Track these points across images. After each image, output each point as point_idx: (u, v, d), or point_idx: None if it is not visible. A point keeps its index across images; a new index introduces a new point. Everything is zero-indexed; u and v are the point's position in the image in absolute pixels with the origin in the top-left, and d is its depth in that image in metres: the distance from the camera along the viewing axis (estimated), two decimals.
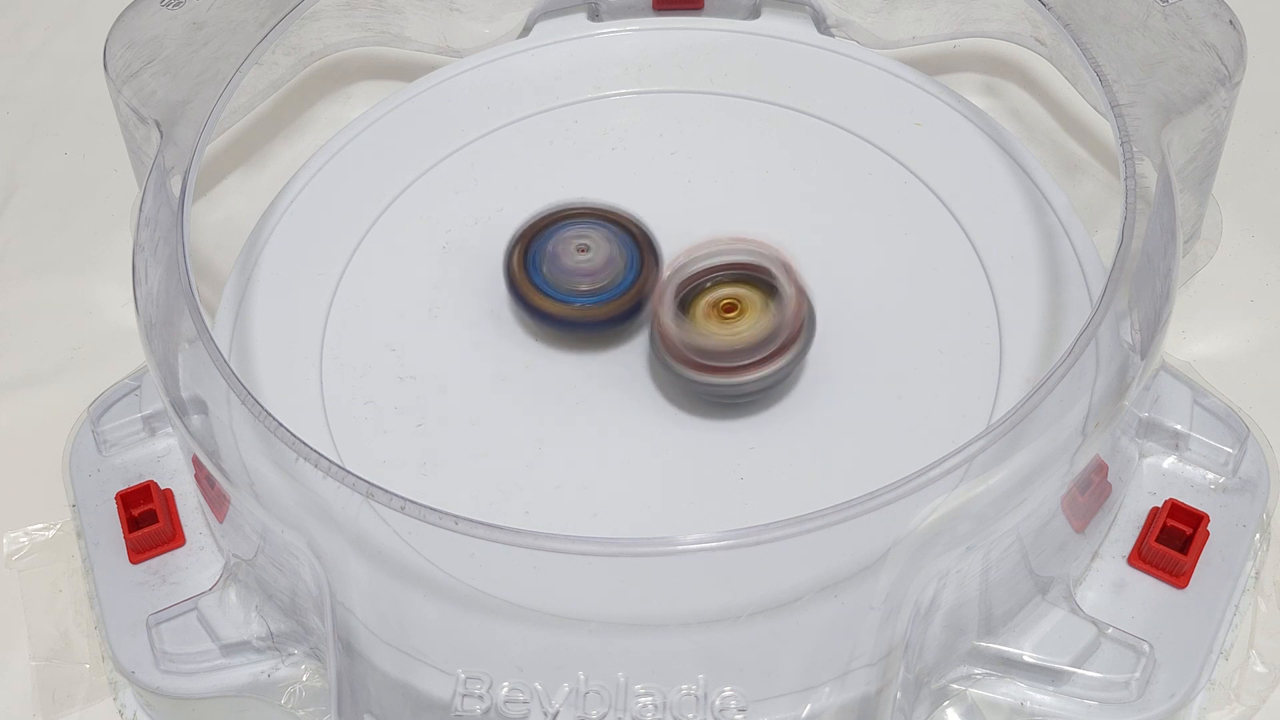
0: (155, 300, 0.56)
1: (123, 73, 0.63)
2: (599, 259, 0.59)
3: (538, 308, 0.59)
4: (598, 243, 0.59)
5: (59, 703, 0.59)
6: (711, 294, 0.57)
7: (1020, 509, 0.51)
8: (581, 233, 0.60)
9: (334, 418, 0.59)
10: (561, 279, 0.59)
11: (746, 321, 0.56)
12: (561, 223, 0.61)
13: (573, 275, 0.59)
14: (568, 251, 0.59)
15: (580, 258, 0.59)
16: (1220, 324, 0.66)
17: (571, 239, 0.60)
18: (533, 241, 0.60)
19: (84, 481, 0.61)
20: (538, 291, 0.59)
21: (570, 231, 0.60)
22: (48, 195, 0.75)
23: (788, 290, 0.56)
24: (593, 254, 0.59)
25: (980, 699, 0.54)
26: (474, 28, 0.72)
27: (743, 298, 0.57)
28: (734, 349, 0.56)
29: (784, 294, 0.56)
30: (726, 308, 0.57)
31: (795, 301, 0.56)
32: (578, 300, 0.59)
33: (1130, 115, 0.57)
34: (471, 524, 0.48)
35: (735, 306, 0.57)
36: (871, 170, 0.65)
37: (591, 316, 0.59)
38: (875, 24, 0.71)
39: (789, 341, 0.56)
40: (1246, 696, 0.56)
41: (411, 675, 0.51)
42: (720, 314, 0.57)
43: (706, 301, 0.57)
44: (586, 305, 0.59)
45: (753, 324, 0.56)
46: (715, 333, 0.56)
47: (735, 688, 0.50)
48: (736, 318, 0.57)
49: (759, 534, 0.47)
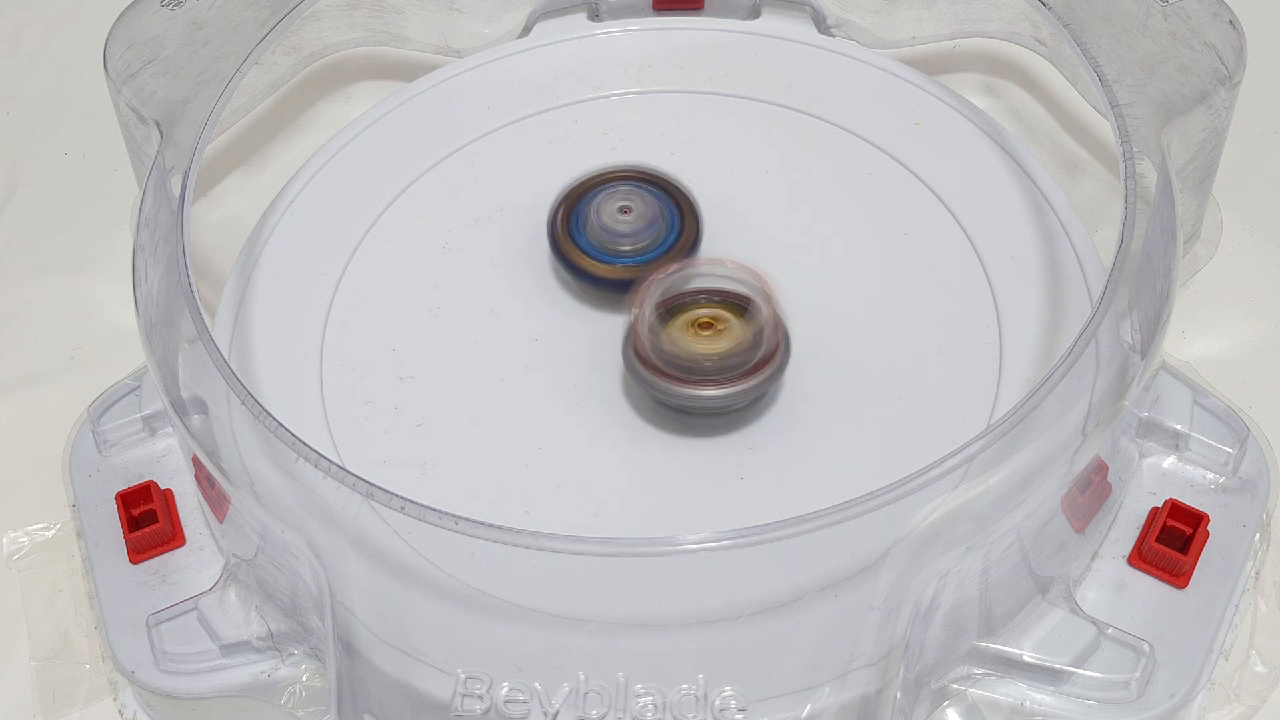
0: (155, 300, 0.56)
1: (123, 73, 0.63)
2: (640, 220, 0.60)
3: (580, 267, 0.60)
4: (639, 204, 0.61)
5: (59, 703, 0.59)
6: (692, 311, 0.57)
7: (1020, 509, 0.51)
8: (624, 194, 0.61)
9: (334, 418, 0.59)
10: (604, 239, 0.60)
11: (721, 339, 0.56)
12: (604, 185, 0.62)
13: (615, 235, 0.60)
14: (610, 212, 0.61)
15: (622, 219, 0.60)
16: (1220, 324, 0.66)
17: (614, 200, 0.61)
18: (576, 204, 0.62)
19: (84, 481, 0.61)
20: (580, 251, 0.60)
21: (613, 193, 0.61)
22: (48, 195, 0.75)
23: (764, 314, 0.56)
24: (634, 215, 0.60)
25: (980, 699, 0.54)
26: (474, 28, 0.72)
27: (722, 318, 0.57)
28: (702, 362, 0.56)
29: (759, 318, 0.56)
30: (704, 325, 0.57)
31: (770, 326, 0.56)
32: (619, 260, 0.60)
33: (1130, 115, 0.57)
34: (471, 524, 0.48)
35: (712, 325, 0.57)
36: (871, 170, 0.65)
37: (632, 276, 0.59)
38: (875, 24, 0.71)
39: (758, 365, 0.56)
40: (1246, 696, 0.56)
41: (411, 675, 0.51)
42: (697, 330, 0.57)
43: (686, 318, 0.57)
44: (628, 265, 0.60)
45: (726, 342, 0.56)
46: (688, 345, 0.56)
47: (735, 688, 0.50)
48: (712, 335, 0.57)
49: (759, 534, 0.47)
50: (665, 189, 0.62)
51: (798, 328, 0.59)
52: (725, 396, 0.56)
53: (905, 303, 0.61)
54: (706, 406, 0.57)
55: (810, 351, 0.59)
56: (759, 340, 0.56)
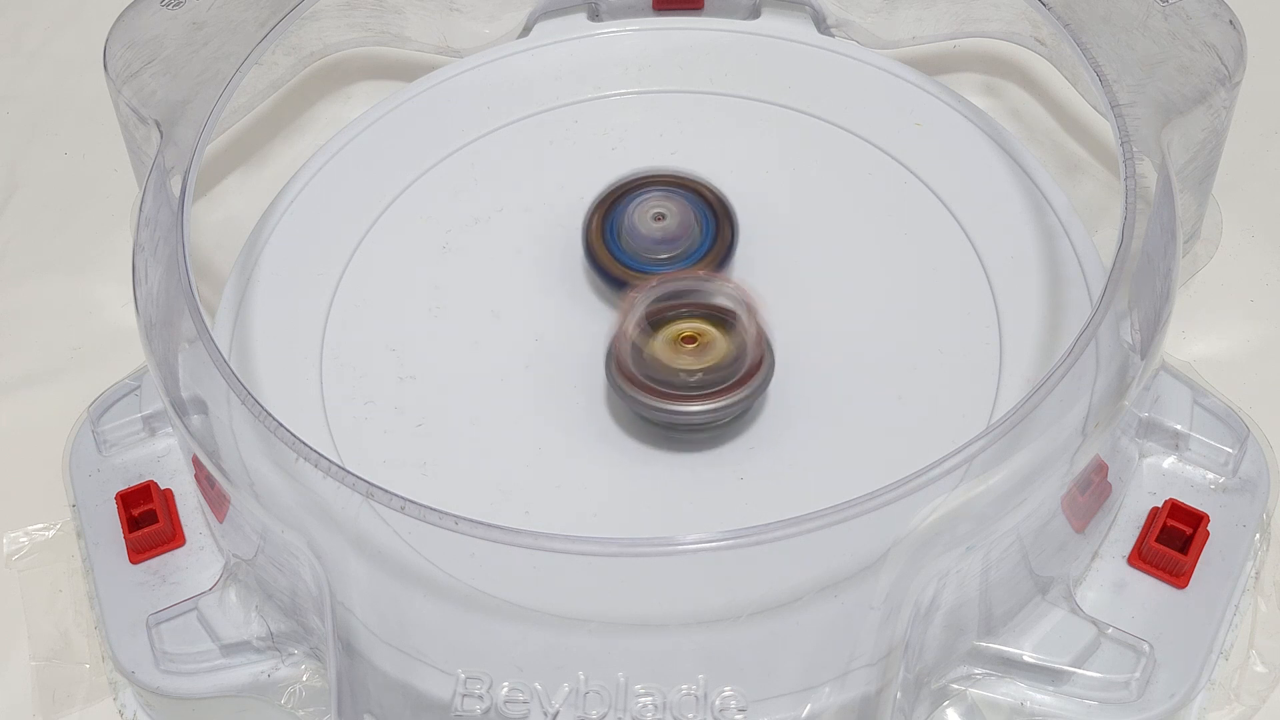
0: (155, 300, 0.56)
1: (123, 73, 0.63)
2: (675, 226, 0.60)
3: (615, 276, 0.60)
4: (673, 210, 0.60)
5: (59, 703, 0.59)
6: (675, 325, 0.57)
7: (1020, 509, 0.51)
8: (658, 200, 0.60)
9: (334, 418, 0.59)
10: (639, 247, 0.60)
11: (705, 355, 0.56)
12: (638, 190, 0.61)
13: (649, 243, 0.60)
14: (644, 219, 0.60)
15: (656, 225, 0.60)
16: (1220, 324, 0.66)
17: (648, 207, 0.60)
18: (610, 210, 0.61)
19: (84, 481, 0.61)
20: (615, 260, 0.60)
21: (647, 199, 0.60)
22: (48, 195, 0.75)
23: (748, 331, 0.56)
24: (669, 221, 0.60)
25: (980, 699, 0.54)
26: (474, 28, 0.72)
27: (705, 333, 0.57)
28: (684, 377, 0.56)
29: (743, 335, 0.56)
30: (687, 339, 0.57)
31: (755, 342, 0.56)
32: (654, 269, 0.59)
33: (1130, 115, 0.57)
34: (471, 524, 0.48)
35: (696, 339, 0.57)
36: (871, 170, 0.65)
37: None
38: (875, 24, 0.71)
39: (740, 381, 0.56)
40: (1246, 696, 0.56)
41: (411, 675, 0.51)
42: (679, 344, 0.56)
43: (671, 330, 0.57)
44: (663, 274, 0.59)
45: (709, 358, 0.56)
46: (670, 360, 0.56)
47: (735, 688, 0.50)
48: (695, 350, 0.56)
49: (759, 534, 0.47)
50: (700, 194, 0.61)
51: (797, 328, 0.59)
52: (707, 412, 0.56)
53: (905, 303, 0.61)
54: (687, 422, 0.56)
55: (810, 352, 0.59)
56: (741, 356, 0.56)
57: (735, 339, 0.56)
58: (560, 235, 0.63)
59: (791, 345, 0.59)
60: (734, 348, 0.56)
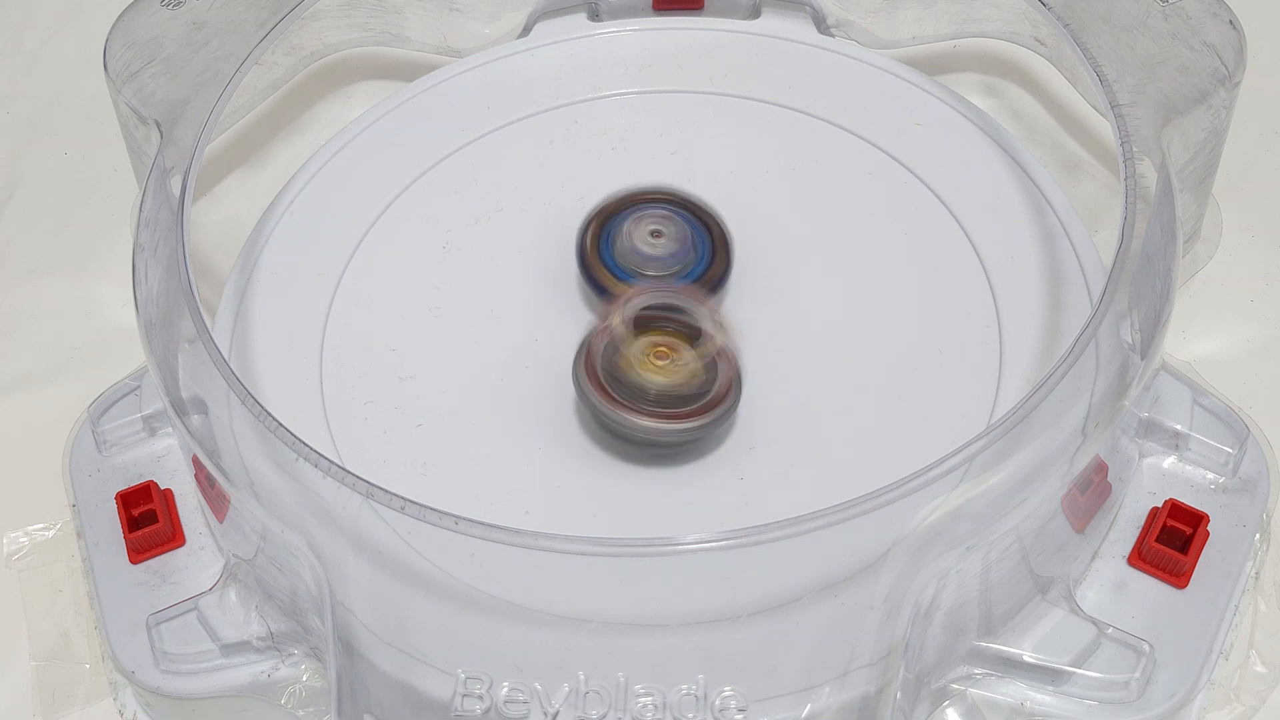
0: (155, 300, 0.56)
1: (123, 73, 0.63)
2: (671, 245, 0.60)
3: (604, 286, 0.60)
4: (671, 229, 0.60)
5: (59, 703, 0.59)
6: (655, 336, 0.57)
7: (1020, 509, 0.51)
8: (657, 217, 0.60)
9: (334, 418, 0.59)
10: (632, 260, 0.60)
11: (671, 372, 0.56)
12: (639, 205, 0.61)
13: (643, 258, 0.60)
14: (641, 234, 0.60)
15: (653, 242, 0.60)
16: (1220, 324, 0.66)
17: (646, 222, 0.60)
18: (609, 220, 0.61)
19: (84, 481, 0.61)
20: (606, 270, 0.60)
21: (646, 214, 0.60)
22: (48, 195, 0.75)
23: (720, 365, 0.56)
24: (665, 240, 0.60)
25: (980, 699, 0.54)
26: (474, 28, 0.72)
27: (680, 352, 0.57)
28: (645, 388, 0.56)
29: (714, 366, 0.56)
30: (660, 354, 0.56)
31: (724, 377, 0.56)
32: (643, 284, 0.59)
33: (1130, 115, 0.57)
34: (471, 524, 0.48)
35: (668, 355, 0.56)
36: (871, 170, 0.65)
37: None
38: (875, 24, 0.71)
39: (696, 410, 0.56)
40: (1246, 696, 0.56)
41: (411, 675, 0.51)
42: (651, 355, 0.56)
43: (647, 341, 0.57)
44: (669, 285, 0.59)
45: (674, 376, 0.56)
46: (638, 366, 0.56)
47: (735, 688, 0.50)
48: (664, 366, 0.56)
49: (759, 534, 0.47)
50: (701, 217, 0.61)
51: (796, 328, 0.59)
52: (652, 430, 0.55)
53: (905, 303, 0.61)
54: (630, 435, 0.56)
55: (810, 352, 0.59)
56: (705, 387, 0.56)
57: (705, 368, 0.56)
58: (560, 235, 0.63)
59: (790, 345, 0.59)
60: (702, 375, 0.56)
